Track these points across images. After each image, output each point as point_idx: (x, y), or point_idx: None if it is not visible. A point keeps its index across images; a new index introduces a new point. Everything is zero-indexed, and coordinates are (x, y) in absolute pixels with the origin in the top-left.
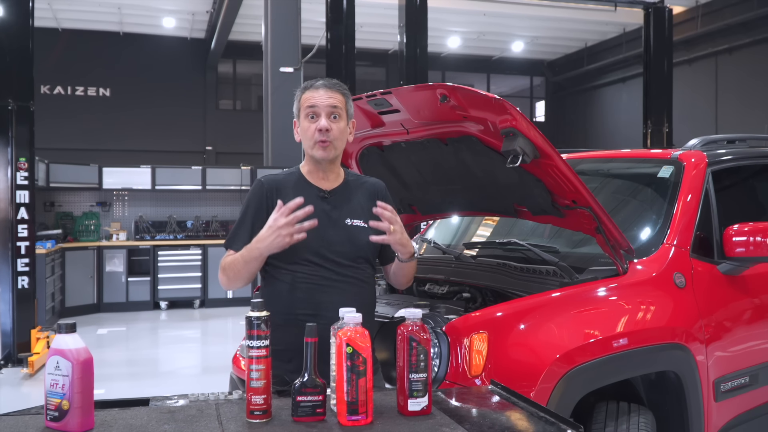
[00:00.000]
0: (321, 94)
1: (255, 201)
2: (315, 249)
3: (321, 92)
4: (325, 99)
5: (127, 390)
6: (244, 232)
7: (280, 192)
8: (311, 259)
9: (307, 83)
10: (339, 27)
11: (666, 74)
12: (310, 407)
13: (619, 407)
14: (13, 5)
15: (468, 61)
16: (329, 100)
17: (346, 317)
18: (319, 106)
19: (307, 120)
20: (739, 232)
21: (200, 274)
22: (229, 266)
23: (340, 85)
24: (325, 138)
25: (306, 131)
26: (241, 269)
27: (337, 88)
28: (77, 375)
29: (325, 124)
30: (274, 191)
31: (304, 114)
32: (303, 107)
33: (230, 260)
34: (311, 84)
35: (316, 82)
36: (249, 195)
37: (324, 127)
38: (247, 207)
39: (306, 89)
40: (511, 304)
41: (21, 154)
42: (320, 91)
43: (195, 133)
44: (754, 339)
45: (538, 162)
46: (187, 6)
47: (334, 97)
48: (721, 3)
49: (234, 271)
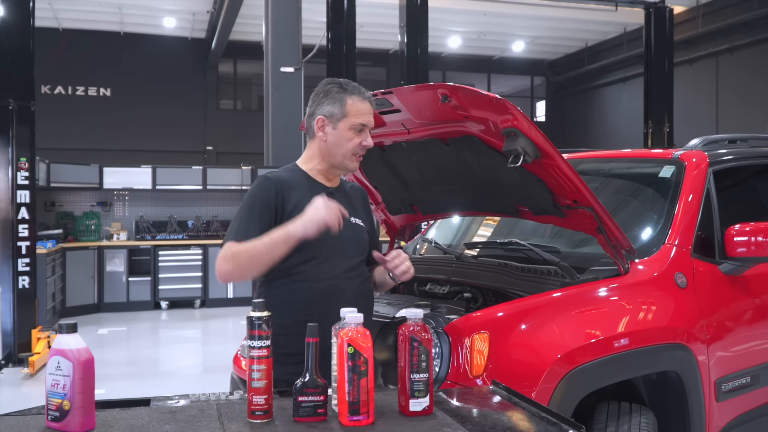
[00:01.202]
0: (369, 109)
1: (262, 196)
2: (329, 245)
3: (368, 107)
4: (372, 117)
5: (127, 390)
6: (252, 226)
7: (289, 188)
8: (326, 255)
9: (351, 86)
10: (340, 27)
11: (667, 74)
12: (312, 407)
13: (621, 407)
14: (13, 5)
15: (468, 61)
16: (373, 120)
17: (348, 317)
18: (369, 125)
19: (352, 131)
20: (741, 232)
21: (201, 274)
22: (243, 252)
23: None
24: (363, 154)
25: (347, 141)
26: (262, 254)
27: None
28: (78, 375)
29: (372, 143)
30: (281, 187)
31: (350, 124)
32: (350, 116)
33: (245, 246)
34: (355, 90)
35: (360, 92)
36: (254, 190)
37: (371, 145)
38: (253, 202)
39: (352, 94)
40: (512, 304)
41: (22, 153)
42: (368, 106)
43: (195, 133)
44: (755, 339)
45: (539, 162)
46: (187, 6)
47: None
48: (722, 3)
49: (251, 256)
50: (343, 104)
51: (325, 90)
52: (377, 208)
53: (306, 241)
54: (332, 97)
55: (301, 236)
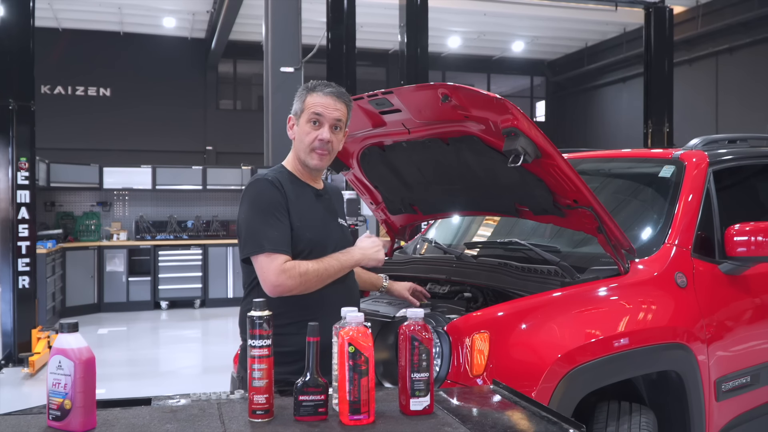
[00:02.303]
0: (328, 102)
1: (277, 198)
2: (324, 245)
3: (329, 100)
4: (332, 110)
5: (127, 390)
6: (284, 232)
7: (286, 190)
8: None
9: (314, 83)
10: (340, 27)
11: (666, 74)
12: (312, 407)
13: (621, 407)
14: (13, 5)
15: (468, 61)
16: (335, 113)
17: (348, 316)
18: (325, 116)
19: (309, 125)
20: (741, 232)
21: (201, 273)
22: (313, 272)
23: (346, 96)
24: (324, 149)
25: (305, 135)
26: (330, 276)
27: (344, 99)
28: (79, 374)
29: (328, 136)
30: (283, 189)
31: (306, 117)
32: (307, 110)
33: (314, 267)
34: (319, 86)
35: (324, 87)
36: (265, 193)
37: (326, 138)
38: (270, 205)
39: (312, 91)
40: (512, 303)
41: (22, 153)
42: (328, 99)
43: (195, 133)
44: (755, 339)
45: (539, 162)
46: (187, 6)
47: (340, 109)
48: (722, 3)
49: (320, 276)
50: (302, 100)
51: (297, 94)
52: (377, 207)
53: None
54: (299, 96)
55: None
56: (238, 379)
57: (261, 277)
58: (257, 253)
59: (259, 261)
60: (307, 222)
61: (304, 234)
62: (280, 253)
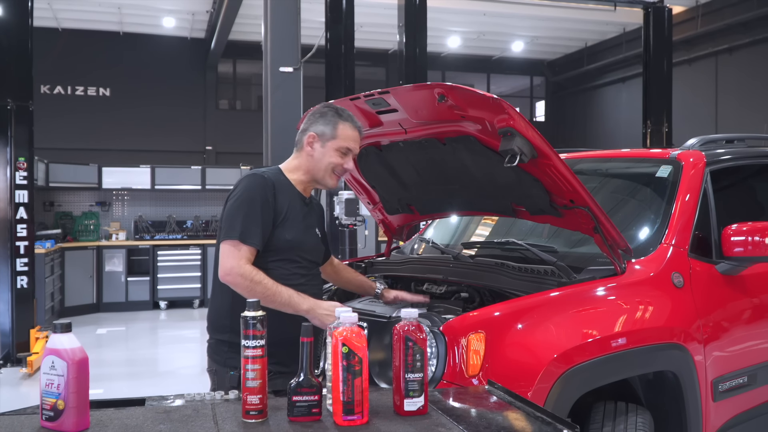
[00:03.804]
0: (357, 137)
1: (262, 194)
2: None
3: (357, 135)
4: (357, 144)
5: (126, 390)
6: (256, 226)
7: (280, 192)
8: (297, 257)
9: (346, 114)
10: (338, 27)
11: (666, 74)
12: (306, 407)
13: (617, 407)
14: (12, 5)
15: (468, 60)
16: (358, 146)
17: (342, 317)
18: (354, 150)
19: (338, 154)
20: (738, 232)
21: (200, 273)
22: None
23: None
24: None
25: (329, 158)
26: (273, 302)
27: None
28: (72, 375)
29: (352, 166)
30: (275, 190)
31: (337, 146)
32: (339, 139)
33: (269, 284)
34: (349, 118)
35: (353, 120)
36: (253, 186)
37: (351, 168)
38: (253, 200)
39: (345, 121)
40: (508, 303)
41: (20, 153)
42: (356, 134)
43: (195, 132)
44: (752, 339)
45: (536, 162)
46: (187, 6)
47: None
48: (721, 3)
49: (266, 295)
50: (335, 127)
51: (322, 112)
52: (375, 207)
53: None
54: (327, 119)
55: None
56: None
57: (221, 259)
58: (227, 239)
59: (226, 245)
60: (289, 223)
61: (284, 234)
62: (247, 245)
